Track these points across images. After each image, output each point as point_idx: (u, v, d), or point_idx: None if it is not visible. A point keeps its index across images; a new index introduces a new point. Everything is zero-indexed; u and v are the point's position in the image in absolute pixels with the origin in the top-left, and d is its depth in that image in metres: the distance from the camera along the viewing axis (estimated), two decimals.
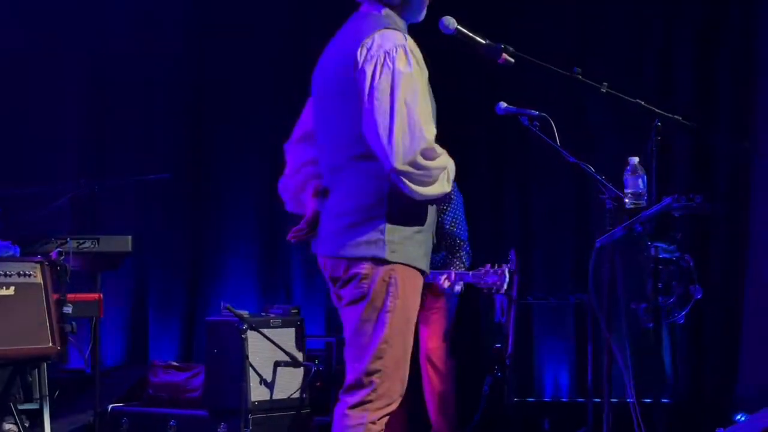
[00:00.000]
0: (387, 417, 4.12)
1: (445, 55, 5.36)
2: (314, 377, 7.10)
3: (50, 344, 5.84)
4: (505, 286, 6.12)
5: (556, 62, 4.68)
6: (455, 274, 6.34)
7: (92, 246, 6.69)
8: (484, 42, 4.42)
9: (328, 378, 7.47)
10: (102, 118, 8.88)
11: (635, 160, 5.11)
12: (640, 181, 5.08)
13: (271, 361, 6.85)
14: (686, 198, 4.98)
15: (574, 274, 7.87)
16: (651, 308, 5.00)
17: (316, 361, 7.35)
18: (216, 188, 8.60)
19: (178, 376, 7.57)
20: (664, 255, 5.04)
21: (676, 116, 4.91)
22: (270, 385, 6.84)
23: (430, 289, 6.47)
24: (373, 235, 4.04)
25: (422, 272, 4.16)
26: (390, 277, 4.05)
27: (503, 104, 5.57)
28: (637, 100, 4.86)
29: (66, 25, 8.77)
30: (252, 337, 6.71)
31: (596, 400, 5.73)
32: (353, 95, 4.03)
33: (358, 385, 4.09)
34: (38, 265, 5.93)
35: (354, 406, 4.09)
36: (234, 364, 6.67)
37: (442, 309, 6.66)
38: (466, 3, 6.81)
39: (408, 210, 4.07)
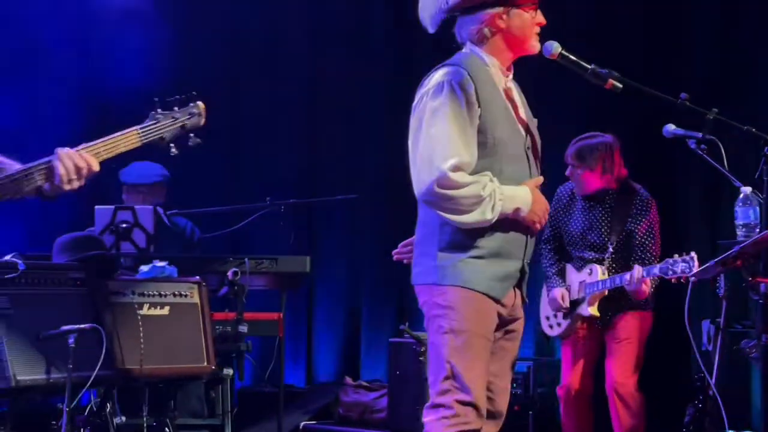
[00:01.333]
0: None
1: None
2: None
3: (205, 363, 5.77)
4: (695, 270, 5.58)
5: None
6: (638, 269, 5.97)
7: (270, 266, 6.56)
8: (589, 67, 4.34)
9: (525, 401, 7.23)
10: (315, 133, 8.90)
11: (748, 189, 4.99)
12: (751, 212, 4.98)
13: None
14: None
15: None
16: (760, 348, 4.63)
17: (513, 385, 6.68)
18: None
19: (367, 396, 7.58)
20: None
21: None
22: None
23: (616, 320, 6.31)
24: (429, 263, 4.15)
25: (488, 296, 4.11)
26: (443, 301, 4.10)
27: (671, 126, 5.19)
28: (747, 127, 4.56)
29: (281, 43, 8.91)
30: None
31: None
32: None
33: (433, 406, 4.10)
34: (195, 286, 5.85)
35: (430, 421, 4.11)
36: (414, 386, 6.50)
37: (630, 340, 6.28)
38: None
39: (460, 237, 4.12)
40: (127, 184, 7.07)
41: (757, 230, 4.80)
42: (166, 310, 5.72)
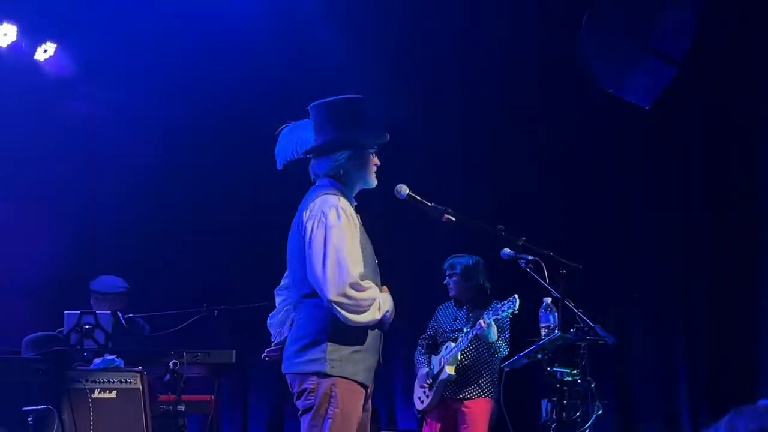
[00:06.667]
0: None
1: None
2: None
3: None
4: (517, 306, 5.83)
5: None
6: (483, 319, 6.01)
7: (204, 358, 6.34)
8: (430, 204, 4.37)
9: None
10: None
11: (548, 299, 4.89)
12: (551, 317, 4.86)
13: None
14: (583, 331, 4.67)
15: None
16: (558, 423, 4.65)
17: None
18: None
19: None
20: (567, 378, 4.70)
21: (577, 265, 4.60)
22: None
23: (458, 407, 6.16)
24: (317, 354, 3.94)
25: (363, 385, 4.00)
26: (331, 390, 3.92)
27: (507, 250, 5.03)
28: (548, 251, 4.65)
29: None
30: None
31: None
32: (301, 247, 4.03)
33: None
34: (138, 374, 5.67)
35: None
36: None
37: (474, 427, 6.12)
38: None
39: (346, 334, 3.96)
40: (97, 292, 6.74)
41: (556, 331, 4.70)
42: (113, 394, 5.56)
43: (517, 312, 5.86)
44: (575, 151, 7.59)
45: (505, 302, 5.90)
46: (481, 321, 5.95)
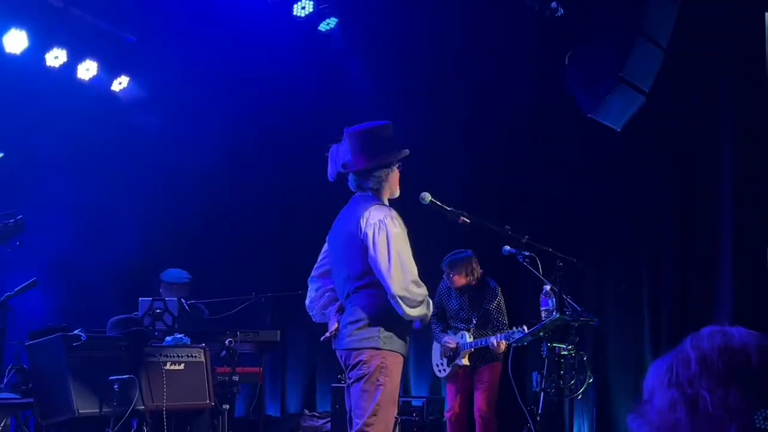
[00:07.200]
0: None
1: None
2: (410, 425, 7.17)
3: (207, 401, 6.00)
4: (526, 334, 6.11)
5: None
6: (495, 338, 6.44)
7: (254, 337, 6.85)
8: (448, 209, 4.75)
9: (420, 426, 7.49)
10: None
11: (547, 287, 5.20)
12: (550, 301, 5.16)
13: None
14: (577, 313, 5.02)
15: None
16: (556, 388, 5.06)
17: (413, 415, 7.42)
18: None
19: (318, 422, 7.74)
20: (564, 352, 5.07)
21: (572, 258, 4.99)
22: None
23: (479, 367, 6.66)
24: (373, 333, 4.36)
25: (404, 357, 4.46)
26: (382, 363, 4.34)
27: (507, 247, 5.44)
28: (547, 247, 5.00)
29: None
30: None
31: None
32: (358, 248, 4.40)
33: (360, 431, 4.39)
34: (201, 350, 6.09)
35: None
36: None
37: (489, 382, 6.70)
38: None
39: (394, 320, 4.39)
40: (165, 282, 7.26)
41: (555, 314, 5.00)
42: (182, 366, 5.93)
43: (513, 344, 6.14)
44: (570, 160, 7.93)
45: (515, 331, 6.30)
46: (494, 340, 6.41)
